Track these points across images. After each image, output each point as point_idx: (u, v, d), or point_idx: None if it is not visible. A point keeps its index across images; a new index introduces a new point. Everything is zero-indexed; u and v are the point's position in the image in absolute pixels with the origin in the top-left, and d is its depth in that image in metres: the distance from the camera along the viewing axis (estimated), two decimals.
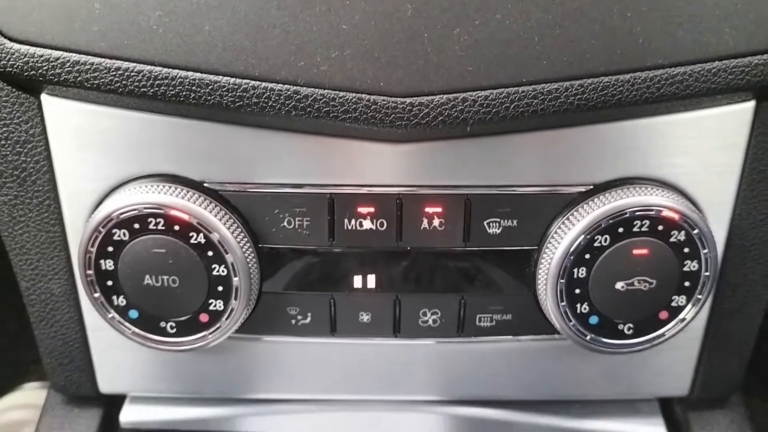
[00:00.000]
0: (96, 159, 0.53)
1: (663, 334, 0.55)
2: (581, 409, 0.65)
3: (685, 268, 0.53)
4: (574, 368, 0.61)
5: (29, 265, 0.57)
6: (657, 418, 0.65)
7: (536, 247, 0.54)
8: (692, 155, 0.53)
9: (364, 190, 0.53)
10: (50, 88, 0.51)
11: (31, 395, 1.21)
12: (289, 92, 0.47)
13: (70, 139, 0.52)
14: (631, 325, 0.55)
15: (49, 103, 0.51)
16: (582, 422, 0.64)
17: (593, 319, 0.54)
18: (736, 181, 0.55)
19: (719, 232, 0.56)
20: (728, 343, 0.61)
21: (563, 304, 0.54)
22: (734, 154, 0.54)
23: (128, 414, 0.64)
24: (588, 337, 0.55)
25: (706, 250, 0.53)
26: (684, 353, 0.61)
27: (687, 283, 0.54)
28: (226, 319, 0.54)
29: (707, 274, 0.53)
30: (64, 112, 0.51)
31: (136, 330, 0.55)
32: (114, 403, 0.65)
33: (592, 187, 0.53)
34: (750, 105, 0.52)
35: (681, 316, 0.55)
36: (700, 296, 0.54)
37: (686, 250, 0.53)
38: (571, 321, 0.54)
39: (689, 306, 0.54)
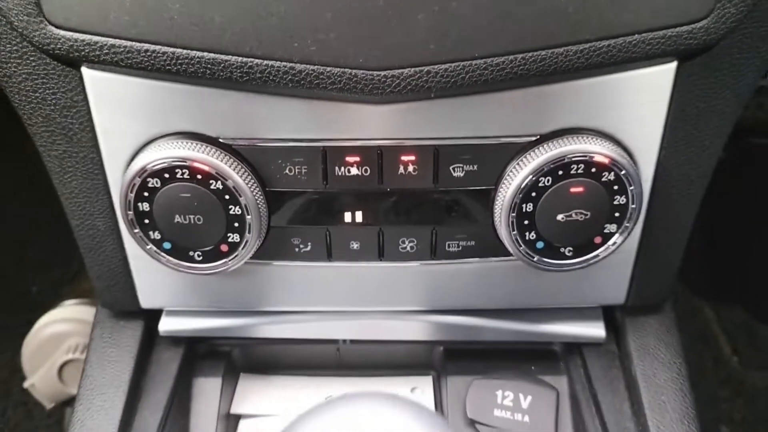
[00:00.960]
0: (129, 120, 0.64)
1: (597, 255, 0.68)
2: (536, 316, 0.78)
3: (615, 202, 0.65)
4: (528, 283, 0.74)
5: (78, 207, 0.70)
6: (599, 322, 0.78)
7: (493, 187, 0.66)
8: (624, 108, 0.64)
9: (351, 144, 0.64)
10: (89, 64, 0.62)
11: (70, 310, 1.36)
12: (285, 68, 0.58)
13: (107, 104, 0.63)
14: (570, 249, 0.67)
15: (89, 75, 0.62)
16: (536, 326, 0.78)
17: (539, 245, 0.67)
18: (662, 129, 0.65)
19: (648, 172, 0.67)
20: (657, 261, 0.73)
21: (514, 233, 0.66)
22: (660, 106, 0.64)
23: (165, 324, 0.77)
24: (535, 259, 0.67)
25: (632, 187, 0.64)
26: (619, 269, 0.73)
27: (617, 214, 0.66)
28: (242, 248, 0.66)
29: (633, 206, 0.65)
30: (101, 82, 0.62)
31: (170, 258, 0.68)
32: (153, 316, 0.79)
33: (538, 137, 0.64)
34: (672, 65, 0.62)
35: (612, 240, 0.67)
36: (627, 224, 0.66)
37: (615, 187, 0.64)
38: (521, 246, 0.67)
39: (618, 232, 0.67)
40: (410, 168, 0.65)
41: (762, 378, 1.54)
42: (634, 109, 0.64)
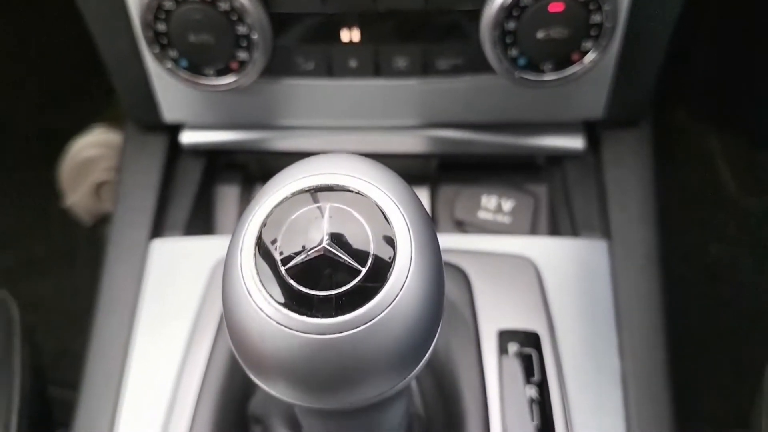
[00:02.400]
0: None
1: (574, 72, 0.74)
2: (522, 130, 0.85)
3: (591, 21, 0.70)
4: (514, 99, 0.80)
5: (103, 29, 0.76)
6: (579, 135, 0.85)
7: (479, 8, 0.71)
8: None
9: None
10: None
11: (101, 136, 1.46)
12: None
13: None
14: (549, 65, 0.73)
15: None
16: (522, 139, 0.85)
17: (521, 61, 0.73)
18: None
19: None
20: (633, 78, 0.79)
21: (497, 50, 0.72)
22: None
23: (187, 137, 0.86)
24: (516, 75, 0.74)
25: (607, 7, 0.69)
26: (598, 85, 0.79)
27: (593, 32, 0.71)
28: (251, 65, 0.73)
29: (608, 25, 0.70)
30: None
31: (186, 75, 0.75)
32: (176, 131, 0.88)
33: None
34: None
35: (588, 57, 0.73)
36: (602, 42, 0.71)
37: (591, 6, 0.69)
38: (504, 63, 0.73)
39: (594, 49, 0.72)
40: None
41: (756, 203, 1.62)
42: None
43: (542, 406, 0.63)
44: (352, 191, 0.36)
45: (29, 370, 0.77)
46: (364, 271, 0.34)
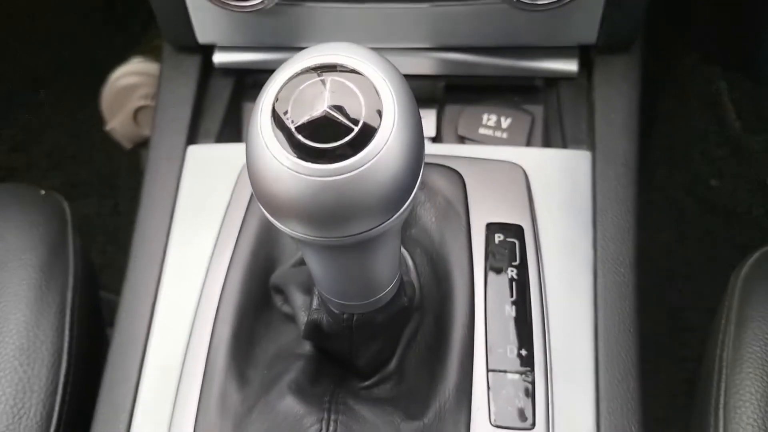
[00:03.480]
0: None
1: None
2: (522, 54, 0.92)
3: None
4: (515, 23, 0.88)
5: None
6: (574, 60, 0.93)
7: None
8: None
9: None
10: None
11: (138, 65, 1.56)
12: None
13: None
14: None
15: None
16: (522, 62, 0.93)
17: None
18: None
19: None
20: (622, 6, 0.86)
21: None
22: None
23: (218, 57, 0.95)
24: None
25: None
26: (591, 12, 0.86)
27: None
28: None
29: None
30: None
31: None
32: (209, 54, 0.97)
33: None
34: None
35: None
36: None
37: None
38: None
39: None
40: None
41: (759, 141, 1.68)
42: None
43: (520, 285, 0.73)
44: (349, 69, 0.46)
45: (81, 255, 0.89)
46: (356, 129, 0.43)
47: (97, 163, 1.80)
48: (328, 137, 0.43)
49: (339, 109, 0.44)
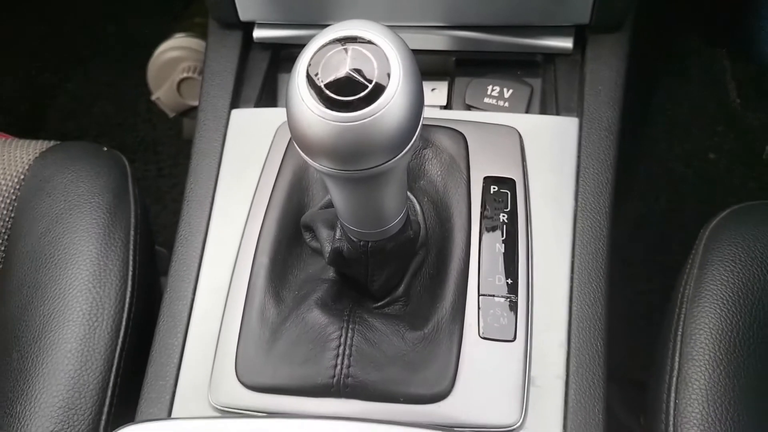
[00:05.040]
0: None
1: None
2: (524, 32, 1.04)
3: None
4: (516, 4, 0.99)
5: None
6: (569, 38, 1.05)
7: None
8: None
9: None
10: None
11: (181, 40, 1.70)
12: None
13: None
14: None
15: None
16: (523, 40, 1.05)
17: None
18: None
19: None
20: None
21: None
22: None
23: (258, 33, 1.08)
24: None
25: None
26: None
27: None
28: None
29: None
30: None
31: None
32: (249, 30, 1.11)
33: None
34: None
35: None
36: None
37: None
38: None
39: None
40: None
41: (757, 118, 1.79)
42: None
43: (510, 227, 0.86)
44: (366, 41, 0.59)
45: (140, 201, 1.04)
46: (370, 87, 0.57)
47: (141, 131, 1.96)
48: (348, 92, 0.57)
49: (357, 71, 0.58)
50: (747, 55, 1.75)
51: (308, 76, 0.59)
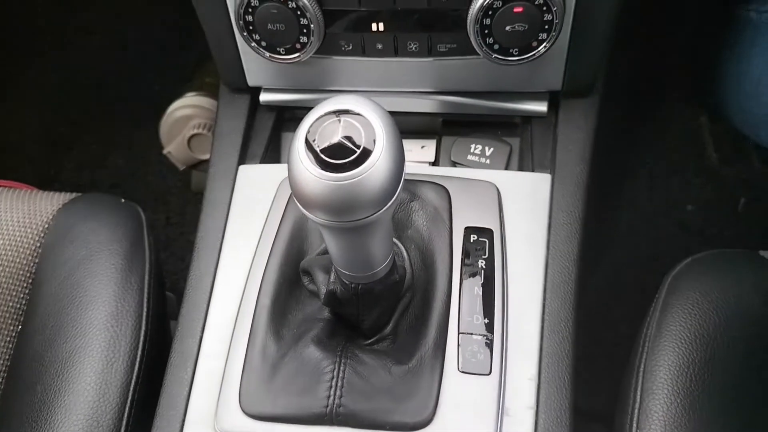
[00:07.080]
0: None
1: (534, 54, 1.04)
2: (503, 98, 1.14)
3: (544, 18, 1.01)
4: (495, 74, 1.11)
5: (209, 19, 1.11)
6: (544, 102, 1.16)
7: (465, 8, 1.03)
8: None
9: None
10: None
11: (192, 99, 1.83)
12: None
13: None
14: (516, 50, 1.04)
15: None
16: (502, 104, 1.14)
17: (496, 47, 1.03)
18: None
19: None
20: (582, 59, 1.09)
21: (479, 38, 1.03)
22: None
23: (264, 96, 1.18)
24: (493, 56, 1.05)
25: (554, 8, 1.00)
26: (555, 64, 1.09)
27: (546, 27, 1.02)
28: (309, 46, 1.06)
29: (556, 21, 0.99)
30: None
31: (265, 52, 1.09)
32: (256, 93, 1.22)
33: None
34: None
35: (542, 45, 1.02)
36: (554, 33, 1.01)
37: (545, 8, 0.99)
38: (483, 48, 1.04)
39: (547, 39, 1.03)
40: None
41: (734, 171, 1.90)
42: None
43: (488, 272, 0.96)
44: (356, 113, 0.70)
45: (154, 249, 1.14)
46: (358, 151, 0.68)
47: (152, 183, 2.07)
48: (340, 156, 0.68)
49: (348, 138, 0.69)
50: (712, 113, 1.87)
51: (307, 142, 0.69)
